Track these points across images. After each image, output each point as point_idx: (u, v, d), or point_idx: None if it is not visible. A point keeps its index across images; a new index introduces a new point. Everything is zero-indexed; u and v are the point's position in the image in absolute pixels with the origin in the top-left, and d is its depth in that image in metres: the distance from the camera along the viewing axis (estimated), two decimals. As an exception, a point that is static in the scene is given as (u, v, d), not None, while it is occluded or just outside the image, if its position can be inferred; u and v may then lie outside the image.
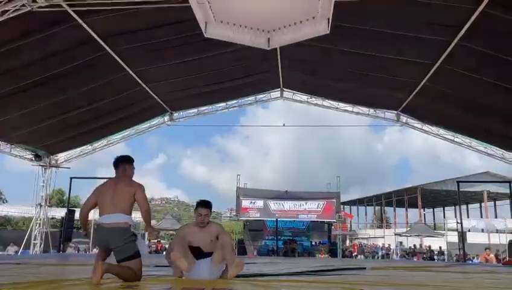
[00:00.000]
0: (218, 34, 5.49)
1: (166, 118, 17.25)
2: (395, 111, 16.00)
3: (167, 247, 4.25)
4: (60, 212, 19.50)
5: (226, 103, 17.45)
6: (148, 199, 4.09)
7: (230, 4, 5.17)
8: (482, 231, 28.71)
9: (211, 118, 20.07)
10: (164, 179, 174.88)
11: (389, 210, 41.28)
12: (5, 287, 3.34)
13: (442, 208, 40.66)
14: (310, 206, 25.66)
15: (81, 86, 11.93)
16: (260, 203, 25.78)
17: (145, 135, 18.37)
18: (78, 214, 4.17)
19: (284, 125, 20.42)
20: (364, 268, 7.42)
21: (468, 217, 31.26)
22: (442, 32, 9.37)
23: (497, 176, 26.87)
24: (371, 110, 16.62)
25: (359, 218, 42.18)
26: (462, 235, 16.02)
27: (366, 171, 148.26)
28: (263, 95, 17.45)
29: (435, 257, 23.48)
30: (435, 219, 40.26)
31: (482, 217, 32.27)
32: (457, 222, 17.04)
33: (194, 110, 17.47)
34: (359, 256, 25.77)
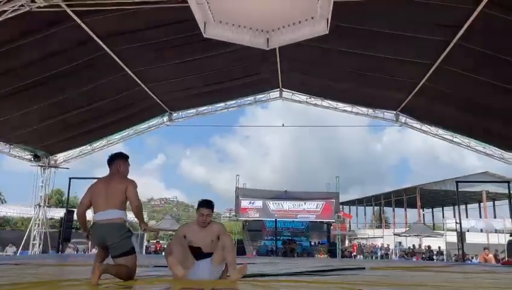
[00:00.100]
0: (217, 34, 5.49)
1: (166, 118, 17.24)
2: (394, 111, 16.01)
3: (166, 247, 4.23)
4: (59, 213, 19.47)
5: (225, 103, 17.44)
6: (139, 195, 4.07)
7: (229, 4, 5.18)
8: (481, 231, 28.75)
9: (210, 118, 20.07)
10: (163, 179, 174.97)
11: (388, 210, 41.39)
12: (4, 288, 3.34)
13: (441, 208, 40.69)
14: (309, 206, 25.68)
15: (80, 86, 11.92)
16: (259, 203, 25.79)
17: (144, 135, 18.40)
18: (77, 213, 4.16)
19: (283, 125, 20.42)
20: (363, 268, 7.42)
21: (467, 217, 31.32)
22: (441, 32, 9.38)
23: (496, 176, 26.90)
24: (370, 110, 16.62)
25: (358, 218, 42.22)
26: (461, 235, 16.04)
27: (365, 172, 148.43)
28: (262, 95, 17.45)
29: (434, 257, 23.50)
30: (433, 219, 40.30)
31: (481, 217, 32.30)
32: (456, 222, 17.08)
33: (193, 111, 17.46)
34: (358, 256, 25.78)
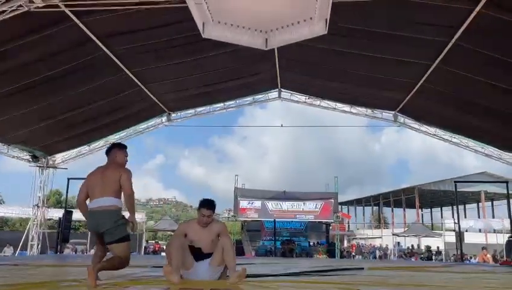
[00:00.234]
0: (215, 35, 5.49)
1: (164, 118, 17.22)
2: (393, 111, 16.02)
3: (168, 241, 4.24)
4: (58, 213, 19.41)
5: (223, 104, 17.42)
6: (133, 185, 4.10)
7: (228, 5, 5.17)
8: (480, 231, 28.79)
9: (209, 118, 20.07)
10: (162, 180, 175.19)
11: (387, 210, 41.40)
12: (3, 288, 3.33)
13: (439, 208, 40.73)
14: (308, 206, 25.68)
15: (78, 87, 11.90)
16: (258, 203, 25.78)
17: (143, 135, 18.39)
18: (76, 202, 4.22)
19: (282, 125, 20.43)
20: (362, 268, 7.42)
21: (465, 217, 31.34)
22: (439, 32, 9.39)
23: (494, 176, 26.93)
24: (369, 111, 16.63)
25: (357, 218, 42.25)
26: (460, 236, 16.07)
27: (364, 172, 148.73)
28: (261, 96, 17.45)
29: (433, 257, 23.53)
30: (432, 219, 40.37)
31: (479, 217, 32.34)
32: (455, 222, 17.09)
33: (192, 111, 17.44)
34: (357, 256, 25.80)
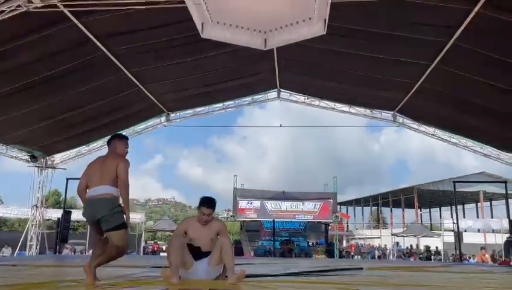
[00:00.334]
0: (214, 35, 5.49)
1: (163, 118, 17.21)
2: (392, 111, 16.02)
3: (168, 241, 4.22)
4: (56, 214, 19.41)
5: (222, 104, 17.40)
6: (129, 174, 4.11)
7: (227, 5, 5.17)
8: (478, 231, 28.82)
9: (208, 118, 20.05)
10: (161, 180, 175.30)
11: (386, 210, 41.47)
12: (2, 289, 3.33)
13: (438, 208, 40.79)
14: (307, 206, 25.71)
15: (77, 87, 11.88)
16: (257, 203, 25.80)
17: (141, 135, 18.33)
18: (77, 192, 4.26)
19: (281, 125, 20.48)
20: (361, 268, 7.43)
21: (464, 217, 31.39)
22: (438, 32, 9.39)
23: (493, 176, 26.98)
24: (368, 111, 16.63)
25: (356, 218, 42.31)
26: (459, 236, 16.10)
27: (363, 172, 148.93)
28: (260, 96, 17.44)
29: (432, 257, 23.55)
30: (431, 219, 40.43)
31: (478, 217, 32.40)
32: (454, 222, 17.12)
33: (191, 111, 17.43)
34: (356, 256, 25.82)
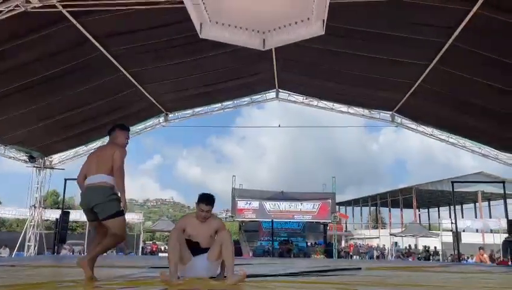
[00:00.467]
0: (213, 35, 5.48)
1: (162, 119, 17.21)
2: (390, 112, 16.05)
3: (169, 235, 4.20)
4: (55, 214, 19.38)
5: (221, 104, 17.41)
6: (123, 159, 4.11)
7: (226, 5, 5.17)
8: (477, 231, 28.88)
9: (207, 119, 20.04)
10: (159, 180, 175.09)
11: (384, 210, 41.52)
12: (0, 289, 3.32)
13: (437, 208, 40.86)
14: (305, 206, 25.72)
15: (76, 87, 11.87)
16: (256, 204, 25.80)
17: (140, 136, 18.34)
18: (77, 182, 4.31)
19: (280, 126, 20.54)
20: (359, 269, 7.43)
21: (462, 217, 31.45)
22: (436, 33, 9.41)
23: (491, 176, 27.04)
24: (366, 111, 16.65)
25: (354, 218, 42.34)
26: (457, 235, 16.11)
27: (362, 172, 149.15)
28: (259, 96, 17.45)
29: (430, 257, 23.58)
30: (429, 219, 40.47)
31: (476, 217, 32.46)
32: (452, 222, 17.14)
33: (190, 111, 17.44)
34: (355, 257, 25.84)
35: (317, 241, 26.94)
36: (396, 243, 27.51)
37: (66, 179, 15.05)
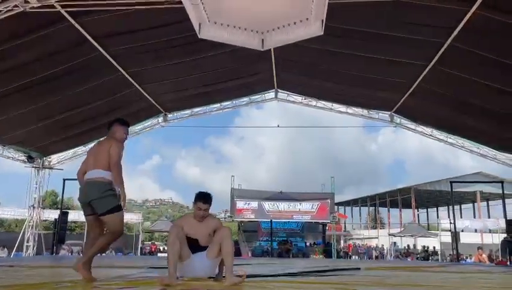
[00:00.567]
0: (212, 35, 5.48)
1: (160, 119, 17.20)
2: (389, 112, 16.06)
3: (169, 229, 4.14)
4: (53, 214, 19.36)
5: (220, 104, 17.41)
6: (121, 155, 4.12)
7: (224, 5, 5.17)
8: (475, 231, 28.91)
9: (205, 119, 20.05)
10: (158, 180, 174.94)
11: (383, 210, 41.51)
12: (-2, 290, 3.32)
13: (435, 209, 40.88)
14: (304, 207, 25.72)
15: (74, 87, 11.86)
16: (255, 204, 25.79)
17: (139, 136, 18.34)
18: (77, 177, 4.31)
19: (279, 126, 20.55)
20: (359, 269, 7.43)
21: (461, 217, 31.49)
22: (435, 33, 9.42)
23: (489, 176, 27.05)
24: (365, 111, 16.67)
25: (353, 218, 42.33)
26: (456, 235, 16.12)
27: (360, 172, 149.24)
28: (257, 96, 17.45)
29: (429, 257, 23.60)
30: (428, 219, 40.48)
31: (475, 217, 32.49)
32: (451, 222, 17.15)
33: (188, 112, 17.43)
34: (353, 257, 25.85)
35: (316, 241, 26.95)
36: (395, 243, 27.53)
37: (64, 179, 15.03)
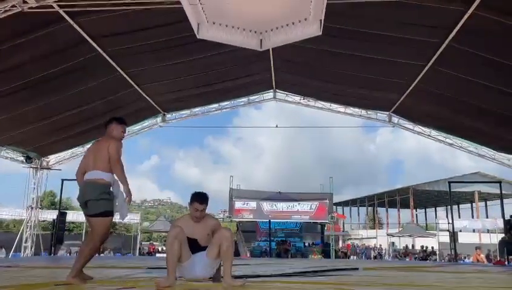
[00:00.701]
0: (210, 36, 5.48)
1: (159, 119, 17.19)
2: (387, 112, 16.08)
3: (169, 230, 4.11)
4: (52, 215, 19.33)
5: (218, 104, 17.42)
6: (120, 153, 4.10)
7: (223, 5, 5.17)
8: (474, 231, 28.94)
9: (204, 119, 20.04)
10: (157, 181, 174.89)
11: (382, 211, 41.54)
12: (-4, 291, 3.31)
13: (434, 209, 40.93)
14: (302, 207, 25.71)
15: (73, 88, 11.85)
16: (253, 204, 25.77)
17: (137, 136, 18.34)
18: (76, 177, 4.29)
19: (277, 126, 20.48)
20: (357, 269, 7.44)
21: (459, 217, 31.54)
22: (433, 33, 9.44)
23: (488, 176, 27.10)
24: (363, 111, 16.69)
25: (352, 219, 42.33)
26: (454, 235, 16.13)
27: (359, 172, 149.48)
28: (256, 96, 17.46)
29: (427, 257, 23.62)
30: (426, 219, 40.55)
31: (473, 217, 32.53)
32: (449, 222, 17.17)
33: (187, 112, 17.43)
34: (352, 257, 25.86)
35: (315, 241, 26.94)
36: (393, 243, 27.57)
37: (63, 180, 15.02)
